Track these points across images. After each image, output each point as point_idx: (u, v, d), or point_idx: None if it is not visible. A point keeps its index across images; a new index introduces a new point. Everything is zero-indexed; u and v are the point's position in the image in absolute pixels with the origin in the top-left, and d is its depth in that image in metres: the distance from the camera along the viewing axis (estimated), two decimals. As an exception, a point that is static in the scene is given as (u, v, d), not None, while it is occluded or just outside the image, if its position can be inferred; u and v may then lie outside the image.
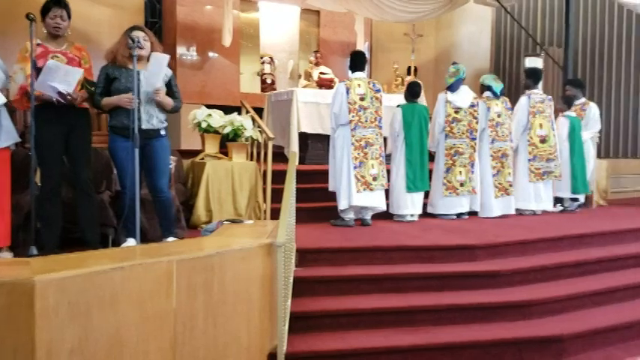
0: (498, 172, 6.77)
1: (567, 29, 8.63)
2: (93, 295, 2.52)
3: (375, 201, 5.89)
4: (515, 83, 11.90)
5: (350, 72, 6.06)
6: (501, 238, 5.11)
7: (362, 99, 5.84)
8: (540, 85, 7.71)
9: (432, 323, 4.00)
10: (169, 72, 4.43)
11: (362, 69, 6.07)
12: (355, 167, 5.76)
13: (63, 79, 4.01)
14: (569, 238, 5.41)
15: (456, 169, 6.49)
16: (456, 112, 6.53)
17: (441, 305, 4.11)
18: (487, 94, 6.99)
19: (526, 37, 11.44)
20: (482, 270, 4.55)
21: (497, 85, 7.02)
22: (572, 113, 7.56)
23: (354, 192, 5.72)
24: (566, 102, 7.61)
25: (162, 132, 4.40)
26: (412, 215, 6.27)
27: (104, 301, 2.56)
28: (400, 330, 3.91)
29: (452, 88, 6.65)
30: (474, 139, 6.58)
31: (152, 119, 4.30)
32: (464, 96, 6.63)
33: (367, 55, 11.14)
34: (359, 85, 5.86)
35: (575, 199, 7.55)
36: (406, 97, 6.55)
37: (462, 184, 6.49)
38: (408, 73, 10.88)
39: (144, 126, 4.21)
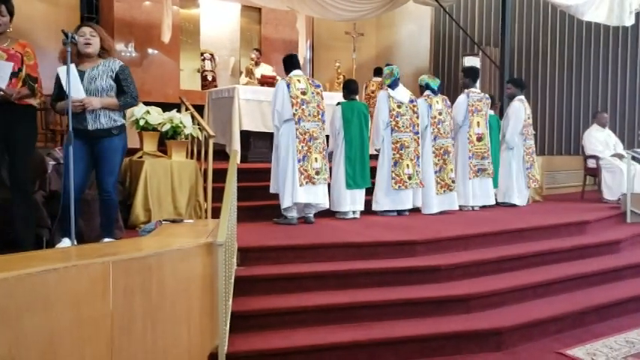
0: (441, 168, 6.86)
1: (503, 29, 8.83)
2: (24, 298, 2.42)
3: (318, 197, 5.87)
4: (454, 82, 12.15)
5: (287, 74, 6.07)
6: (442, 234, 5.18)
7: (303, 93, 5.85)
8: (478, 83, 7.86)
9: (374, 319, 4.02)
10: (117, 66, 4.29)
11: (298, 67, 6.07)
12: (299, 160, 5.73)
13: None
14: (508, 232, 5.53)
15: (403, 163, 6.53)
16: (399, 107, 6.60)
17: (383, 301, 4.13)
18: (427, 92, 7.08)
19: (464, 36, 11.68)
20: (423, 265, 4.60)
21: (435, 82, 7.16)
22: (491, 112, 7.76)
23: (297, 186, 5.69)
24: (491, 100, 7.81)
25: (115, 131, 4.27)
26: (354, 212, 6.29)
27: (36, 304, 2.46)
28: (343, 326, 3.91)
29: (391, 87, 6.74)
30: (416, 133, 6.68)
31: (99, 119, 4.18)
32: (403, 92, 6.74)
33: (309, 53, 11.19)
34: (299, 81, 5.87)
35: None
36: (345, 95, 6.58)
37: (409, 177, 6.55)
38: (376, 74, 10.62)
39: (90, 127, 4.15)
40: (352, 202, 6.28)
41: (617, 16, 8.72)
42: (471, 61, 10.89)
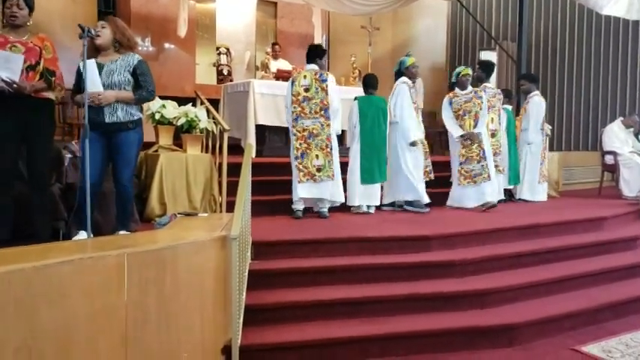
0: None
1: (520, 24, 8.77)
2: (40, 289, 2.43)
3: (323, 192, 5.87)
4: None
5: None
6: (456, 229, 5.15)
7: (306, 90, 5.86)
8: (494, 78, 7.79)
9: (387, 313, 4.02)
10: (135, 60, 4.30)
11: (314, 61, 6.05)
12: (297, 158, 5.79)
13: (3, 66, 3.90)
14: (523, 228, 5.49)
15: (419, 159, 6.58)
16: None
17: (396, 295, 4.13)
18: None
19: (481, 31, 11.60)
20: (438, 260, 4.59)
21: None
22: (509, 106, 7.68)
23: (297, 183, 5.77)
24: (506, 95, 7.70)
25: (131, 125, 4.29)
26: (368, 207, 6.27)
27: (52, 295, 2.47)
28: (357, 320, 3.91)
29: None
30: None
31: (116, 112, 4.20)
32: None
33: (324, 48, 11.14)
34: (304, 77, 5.90)
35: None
36: (364, 90, 6.57)
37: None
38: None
39: (107, 119, 4.17)
40: (367, 196, 6.25)
41: (637, 10, 8.61)
42: (488, 56, 10.82)
